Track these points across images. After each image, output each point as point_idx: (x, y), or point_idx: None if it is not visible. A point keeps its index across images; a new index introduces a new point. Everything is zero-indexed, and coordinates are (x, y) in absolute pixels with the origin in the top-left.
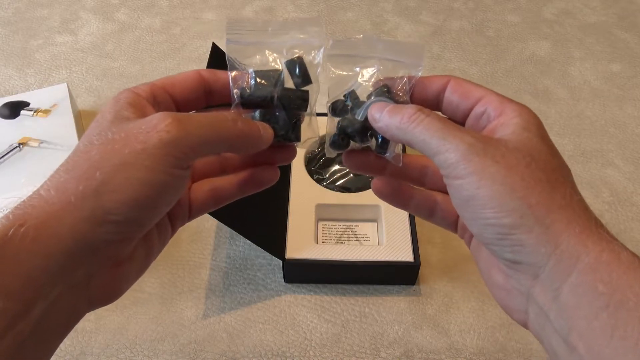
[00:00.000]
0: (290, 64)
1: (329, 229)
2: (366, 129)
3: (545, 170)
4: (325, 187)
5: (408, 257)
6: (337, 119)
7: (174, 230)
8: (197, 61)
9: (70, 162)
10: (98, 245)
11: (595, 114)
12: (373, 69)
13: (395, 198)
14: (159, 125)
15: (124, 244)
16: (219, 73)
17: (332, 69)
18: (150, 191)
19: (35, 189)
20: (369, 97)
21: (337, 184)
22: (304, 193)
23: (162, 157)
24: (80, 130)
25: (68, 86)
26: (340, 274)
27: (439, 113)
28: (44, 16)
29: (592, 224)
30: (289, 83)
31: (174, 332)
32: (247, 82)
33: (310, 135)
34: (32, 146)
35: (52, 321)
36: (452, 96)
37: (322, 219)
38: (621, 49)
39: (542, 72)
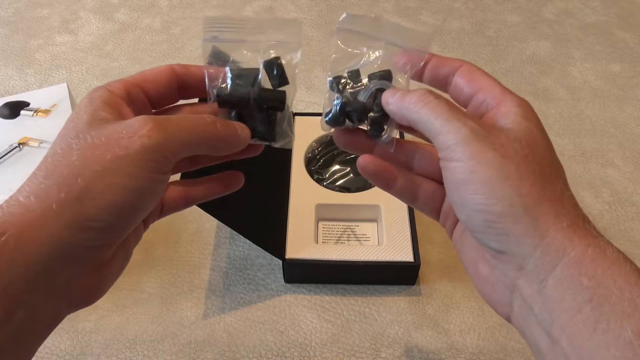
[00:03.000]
0: (268, 65)
1: (329, 229)
2: (366, 111)
3: (541, 164)
4: (325, 187)
5: (408, 257)
6: (337, 95)
7: (146, 227)
8: (197, 61)
9: (50, 166)
10: (79, 251)
11: (595, 114)
12: (379, 51)
13: (380, 177)
14: (140, 130)
15: (105, 248)
16: (192, 68)
17: (340, 43)
18: (132, 197)
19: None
20: (370, 78)
21: (337, 184)
22: (304, 193)
23: (144, 162)
24: None
25: (68, 86)
26: (340, 274)
27: (448, 97)
28: (44, 16)
29: (580, 220)
30: (266, 83)
31: (174, 332)
32: (224, 81)
33: (287, 136)
34: (32, 146)
35: (32, 326)
36: (459, 80)
37: (322, 219)
38: (621, 49)
39: (542, 72)
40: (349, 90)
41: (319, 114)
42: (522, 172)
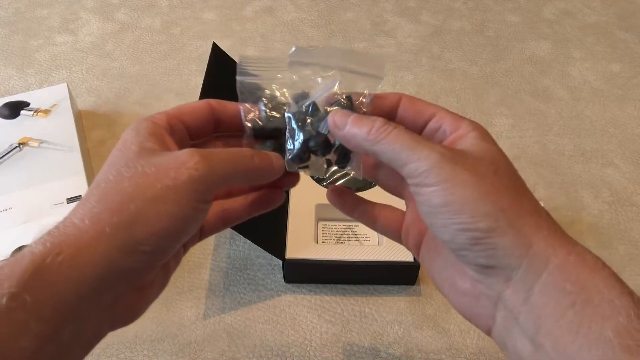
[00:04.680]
0: (297, 98)
1: (329, 229)
2: (329, 142)
3: (510, 179)
4: (325, 187)
5: (408, 257)
6: (298, 131)
7: (185, 251)
8: (197, 61)
9: (102, 192)
10: (126, 273)
11: (595, 114)
12: (334, 80)
13: (343, 206)
14: (187, 162)
15: (149, 271)
16: (227, 104)
17: (294, 77)
18: (178, 224)
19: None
20: (329, 107)
21: (337, 184)
22: (304, 193)
23: (190, 192)
24: (80, 130)
25: (68, 86)
26: (340, 274)
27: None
28: (44, 16)
29: (558, 229)
30: None
31: (174, 332)
32: (258, 115)
33: (318, 164)
34: (32, 146)
35: (78, 342)
36: (405, 113)
37: (322, 219)
38: (621, 49)
39: (542, 72)
40: (309, 125)
41: None
42: (497, 188)
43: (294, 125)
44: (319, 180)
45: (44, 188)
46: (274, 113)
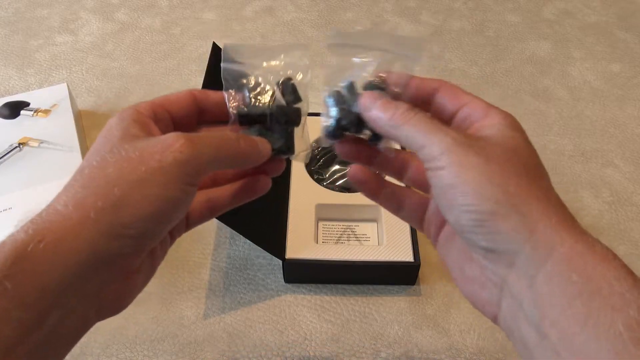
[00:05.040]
0: (282, 84)
1: (329, 229)
2: (362, 121)
3: (526, 166)
4: (325, 187)
5: (408, 257)
6: (333, 109)
7: (172, 241)
8: (197, 61)
9: (86, 177)
10: (112, 258)
11: (595, 114)
12: (372, 60)
13: (368, 185)
14: (173, 145)
15: (135, 256)
16: (210, 93)
17: (332, 58)
18: (164, 206)
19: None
20: (365, 88)
21: (337, 184)
22: (304, 193)
23: (177, 174)
24: (80, 130)
25: (68, 86)
26: (340, 274)
27: (428, 114)
28: (44, 16)
29: (568, 217)
30: (280, 102)
31: (174, 332)
32: (243, 101)
33: (303, 148)
34: (32, 146)
35: (63, 331)
36: (442, 100)
37: (322, 219)
38: (621, 49)
39: (542, 72)
40: (344, 103)
41: (319, 114)
42: (506, 172)
43: (331, 104)
44: (319, 180)
45: (44, 188)
46: (258, 99)
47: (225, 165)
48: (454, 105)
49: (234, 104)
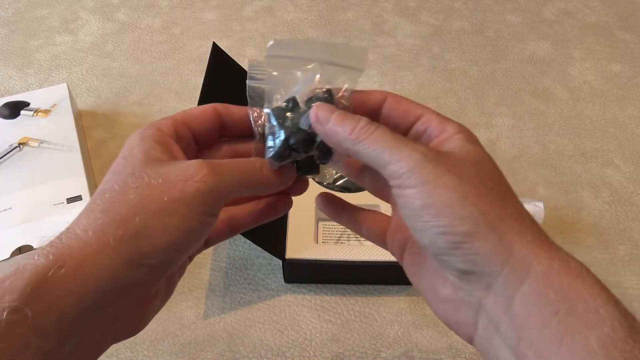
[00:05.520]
0: (308, 103)
1: (329, 229)
2: (311, 139)
3: (494, 181)
4: (325, 187)
5: None
6: (278, 128)
7: (190, 260)
8: (197, 61)
9: (107, 202)
10: (130, 286)
11: (595, 114)
12: (314, 73)
13: (330, 212)
14: (196, 175)
15: (153, 284)
16: (233, 108)
17: (272, 72)
18: (184, 237)
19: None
20: (308, 103)
21: (337, 184)
22: (304, 193)
23: (197, 206)
24: (80, 130)
25: (68, 86)
26: (340, 274)
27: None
28: (44, 16)
29: (542, 234)
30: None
31: (174, 332)
32: (271, 127)
33: (327, 167)
34: (32, 146)
35: (80, 355)
36: (390, 113)
37: (322, 219)
38: (621, 49)
39: (542, 72)
40: (289, 121)
41: None
42: (480, 190)
43: (274, 122)
44: (319, 181)
45: (44, 188)
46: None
47: (247, 193)
48: (405, 119)
49: (259, 122)
